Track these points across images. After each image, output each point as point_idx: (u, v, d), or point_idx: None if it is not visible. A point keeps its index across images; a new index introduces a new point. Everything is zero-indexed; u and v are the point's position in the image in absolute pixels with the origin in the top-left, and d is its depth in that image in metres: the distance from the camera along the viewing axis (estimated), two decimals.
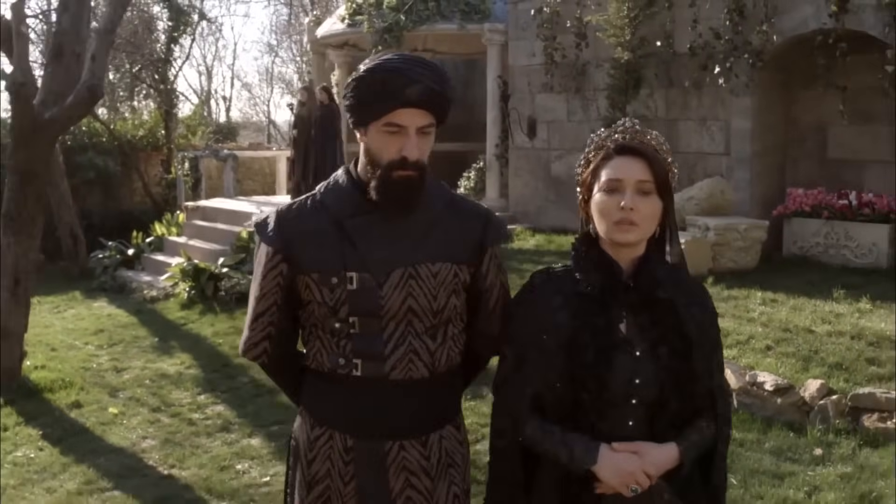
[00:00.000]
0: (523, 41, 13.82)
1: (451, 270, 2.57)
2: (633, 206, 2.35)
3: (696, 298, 2.51)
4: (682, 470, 2.39)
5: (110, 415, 7.38)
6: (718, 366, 2.53)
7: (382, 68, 2.48)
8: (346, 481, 2.55)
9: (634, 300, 2.42)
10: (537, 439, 2.42)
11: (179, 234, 14.80)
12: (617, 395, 2.37)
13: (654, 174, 2.40)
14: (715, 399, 2.47)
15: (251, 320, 2.62)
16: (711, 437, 2.46)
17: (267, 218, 2.63)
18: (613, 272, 2.43)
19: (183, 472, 6.07)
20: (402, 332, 2.52)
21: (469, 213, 2.69)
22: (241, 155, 19.04)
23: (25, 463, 6.36)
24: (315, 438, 2.60)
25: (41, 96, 7.71)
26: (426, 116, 2.49)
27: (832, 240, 10.49)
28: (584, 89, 12.95)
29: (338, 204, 2.56)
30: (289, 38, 42.02)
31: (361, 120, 2.51)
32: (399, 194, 2.49)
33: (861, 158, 11.03)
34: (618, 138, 2.47)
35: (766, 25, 10.65)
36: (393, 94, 2.44)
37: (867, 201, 10.36)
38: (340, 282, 2.49)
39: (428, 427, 2.60)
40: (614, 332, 2.39)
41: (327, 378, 2.57)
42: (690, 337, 2.41)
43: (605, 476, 2.34)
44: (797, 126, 11.59)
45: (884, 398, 6.11)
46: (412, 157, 2.47)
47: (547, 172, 13.68)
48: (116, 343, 10.03)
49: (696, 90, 11.52)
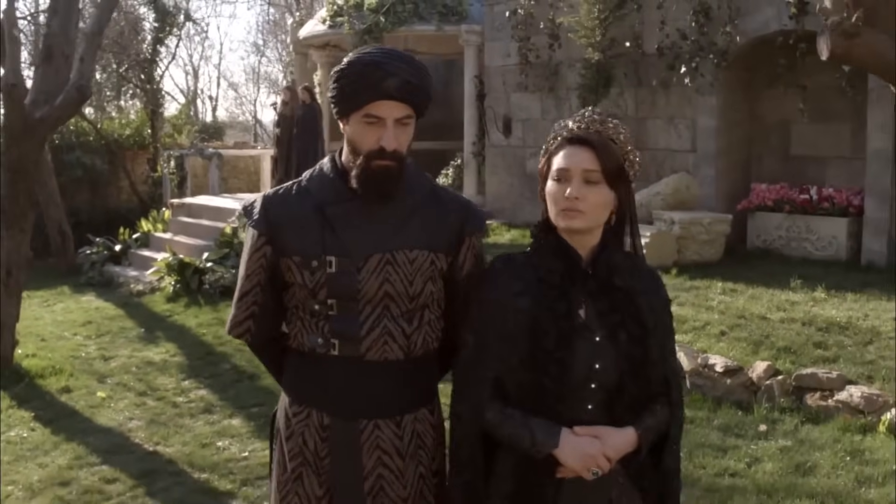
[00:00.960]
0: (499, 42, 14.23)
1: (428, 258, 2.64)
2: (579, 194, 2.39)
3: (650, 285, 2.56)
4: (639, 454, 2.44)
5: (98, 398, 7.74)
6: (671, 352, 2.60)
7: (361, 61, 2.56)
8: (321, 458, 2.63)
9: (593, 287, 2.46)
10: (497, 424, 2.45)
11: (165, 230, 15.13)
12: (577, 379, 2.40)
13: (601, 163, 2.42)
14: (669, 384, 2.53)
15: (237, 299, 2.73)
16: (665, 421, 2.51)
17: (254, 202, 2.74)
18: (572, 259, 2.47)
19: (167, 449, 6.44)
20: (378, 315, 2.60)
21: (449, 202, 2.76)
22: (226, 153, 19.38)
23: (18, 441, 6.72)
24: (293, 415, 2.68)
25: (32, 96, 8.07)
26: (404, 108, 2.57)
27: (794, 233, 10.93)
28: (557, 88, 13.37)
29: (321, 190, 2.65)
30: (275, 38, 42.33)
31: (343, 110, 2.59)
32: (377, 183, 2.57)
33: (822, 155, 11.46)
34: (572, 128, 2.50)
35: (730, 27, 11.07)
36: (371, 87, 2.52)
37: (827, 196, 10.80)
38: (320, 265, 2.58)
39: (402, 408, 2.67)
40: (574, 318, 2.42)
41: (307, 357, 2.65)
42: (646, 324, 2.46)
43: (566, 460, 2.38)
44: (761, 124, 12.02)
45: (825, 378, 6.52)
46: (389, 147, 2.55)
47: (522, 169, 14.08)
48: (104, 334, 10.38)
49: (663, 89, 11.95)
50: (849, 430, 6.00)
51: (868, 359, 6.90)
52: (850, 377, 6.56)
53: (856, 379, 6.54)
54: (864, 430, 6.00)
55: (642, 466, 2.49)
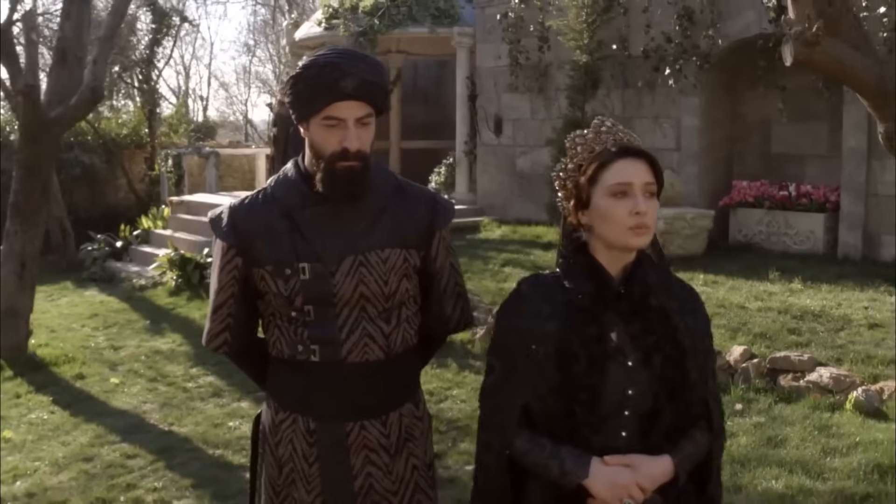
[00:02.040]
0: (490, 44, 14.64)
1: (401, 255, 2.65)
2: (646, 209, 2.30)
3: (687, 305, 2.45)
4: (677, 483, 2.34)
5: (112, 384, 8.16)
6: (712, 374, 2.48)
7: (316, 63, 2.53)
8: (310, 462, 2.64)
9: (625, 308, 2.36)
10: (526, 452, 2.36)
11: (165, 227, 15.51)
12: (610, 406, 2.31)
13: (655, 175, 2.37)
14: (710, 408, 2.43)
15: (211, 312, 2.72)
16: (706, 447, 2.41)
17: (221, 213, 2.69)
18: (604, 279, 2.37)
19: (182, 429, 6.86)
20: (355, 318, 2.60)
21: (416, 197, 2.75)
22: (223, 152, 19.74)
23: (40, 423, 7.14)
24: (280, 422, 2.68)
25: (47, 97, 8.49)
26: (363, 107, 2.54)
27: (773, 228, 11.39)
28: (546, 89, 13.79)
29: (287, 196, 2.63)
30: (266, 39, 42.55)
31: (302, 114, 2.56)
32: (344, 185, 2.55)
33: (801, 153, 11.93)
34: (610, 139, 2.40)
35: (713, 30, 11.51)
36: (328, 88, 2.49)
37: (805, 192, 11.26)
38: (294, 273, 2.57)
39: (386, 407, 2.68)
40: (606, 341, 2.32)
41: (288, 364, 2.65)
42: (684, 345, 2.36)
43: (597, 490, 2.28)
44: (743, 123, 12.48)
45: (797, 360, 6.97)
46: (353, 147, 2.52)
47: (512, 168, 14.51)
48: (111, 325, 10.78)
49: (649, 90, 12.38)
50: (818, 408, 6.44)
51: (839, 343, 7.35)
52: (820, 360, 7.00)
53: (826, 361, 6.99)
54: (832, 407, 6.44)
55: (682, 496, 2.39)
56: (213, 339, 2.72)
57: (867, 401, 6.34)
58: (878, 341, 7.38)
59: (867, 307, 8.37)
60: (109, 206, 19.36)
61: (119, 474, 5.94)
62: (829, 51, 4.66)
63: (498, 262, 11.01)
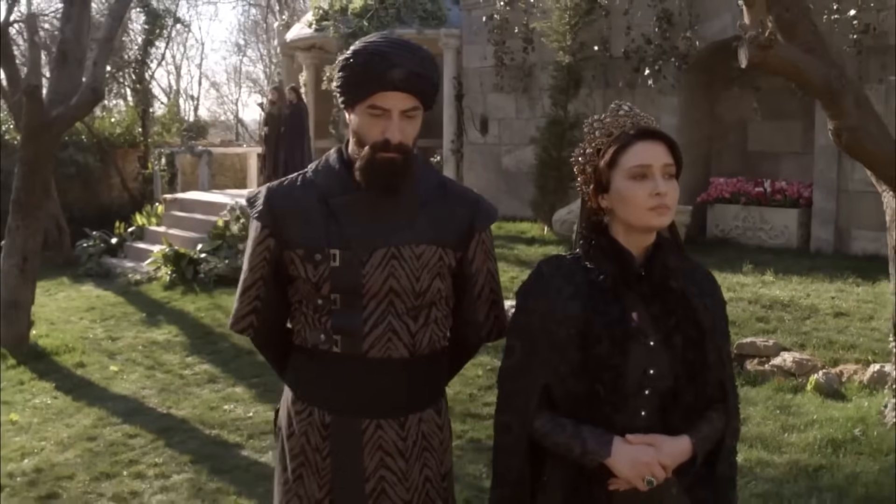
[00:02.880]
0: (476, 45, 15.03)
1: (436, 253, 2.56)
2: (666, 190, 2.32)
3: (706, 287, 2.47)
4: (694, 463, 2.36)
5: (111, 372, 8.51)
6: (728, 356, 2.50)
7: (366, 50, 2.48)
8: (323, 456, 2.57)
9: (646, 290, 2.37)
10: (547, 433, 2.36)
11: (159, 223, 15.83)
12: (631, 386, 2.32)
13: (675, 157, 2.38)
14: (726, 390, 2.45)
15: (240, 293, 2.68)
16: (721, 429, 2.43)
17: (258, 194, 2.66)
18: (626, 260, 2.38)
19: (179, 412, 7.21)
20: (382, 311, 2.52)
21: (458, 196, 2.67)
22: (215, 151, 20.08)
23: (44, 407, 7.49)
24: (296, 413, 2.62)
25: (48, 97, 8.84)
26: (410, 100, 2.49)
27: (749, 223, 11.80)
28: (530, 89, 14.18)
29: (326, 182, 2.58)
30: (256, 39, 42.86)
31: (349, 101, 2.52)
32: (382, 176, 2.49)
33: (777, 151, 12.34)
34: (629, 122, 2.40)
35: (691, 32, 11.93)
36: (376, 77, 2.44)
37: (779, 188, 11.67)
38: (324, 258, 2.50)
39: (406, 408, 2.59)
40: (628, 322, 2.34)
41: (310, 354, 2.59)
42: (703, 326, 2.37)
43: (620, 469, 2.29)
44: (720, 122, 12.89)
45: (763, 346, 7.35)
46: (394, 139, 2.47)
47: (498, 165, 14.89)
48: (108, 318, 11.11)
49: (629, 90, 12.76)
50: (781, 390, 6.82)
51: (804, 331, 7.75)
52: (785, 346, 7.40)
53: (790, 347, 7.38)
54: (794, 389, 6.82)
55: (697, 477, 2.40)
56: (239, 321, 2.68)
57: (827, 383, 6.73)
58: (841, 329, 7.78)
59: (834, 297, 8.77)
60: (103, 205, 19.66)
61: (121, 452, 6.30)
62: (782, 54, 5.05)
63: None
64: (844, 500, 5.02)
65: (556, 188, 12.61)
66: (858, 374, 6.83)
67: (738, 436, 2.52)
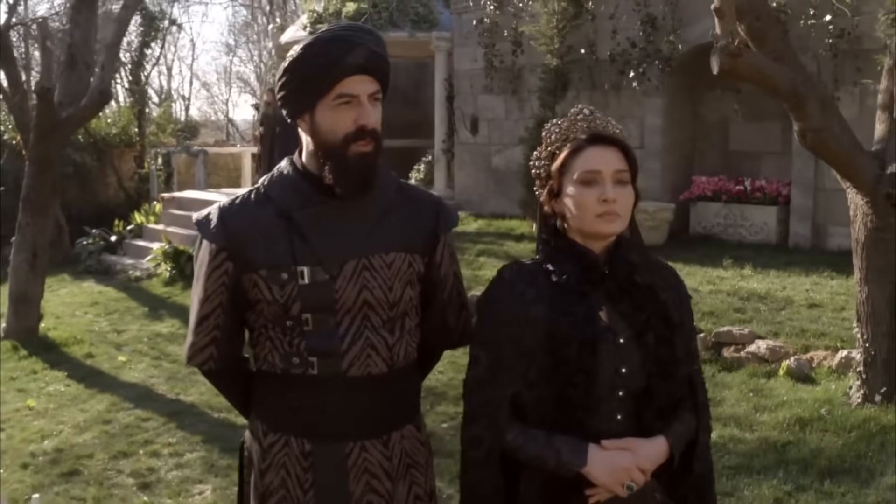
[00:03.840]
0: (467, 48, 15.41)
1: (406, 260, 2.46)
2: (616, 196, 2.26)
3: (671, 281, 2.44)
4: (671, 464, 2.30)
5: (119, 362, 8.92)
6: (695, 350, 2.47)
7: (322, 39, 2.34)
8: (304, 489, 2.42)
9: (612, 287, 2.32)
10: (519, 446, 2.28)
11: (157, 222, 16.22)
12: (604, 387, 2.26)
13: (628, 163, 2.33)
14: (694, 385, 2.40)
15: (195, 324, 2.46)
16: (693, 427, 2.38)
17: (209, 214, 2.48)
18: (588, 259, 2.32)
19: (187, 398, 7.63)
20: (358, 327, 2.40)
21: (420, 199, 2.59)
22: (210, 151, 20.44)
23: (58, 394, 7.89)
24: (269, 446, 2.45)
25: (58, 98, 9.23)
26: (373, 83, 2.37)
27: (730, 220, 12.24)
28: (519, 91, 14.57)
29: (284, 196, 2.42)
30: (247, 39, 43.13)
31: (307, 101, 2.36)
32: (357, 172, 2.36)
33: (757, 150, 12.78)
34: (584, 127, 2.35)
35: (674, 36, 12.33)
36: (339, 62, 2.30)
37: (759, 187, 12.11)
38: (291, 277, 2.36)
39: (389, 426, 2.48)
40: (595, 322, 2.27)
41: (280, 380, 2.44)
42: (673, 321, 2.33)
43: (597, 476, 2.22)
44: (702, 123, 13.33)
45: (739, 334, 7.79)
46: (370, 124, 2.35)
47: (488, 165, 15.30)
48: (112, 312, 11.52)
49: (615, 92, 13.18)
50: (755, 375, 7.25)
51: (778, 320, 8.19)
52: (760, 334, 7.83)
53: (765, 335, 7.81)
54: (767, 374, 7.26)
55: (675, 476, 2.36)
56: (196, 354, 2.48)
57: (798, 368, 7.17)
58: (814, 318, 8.22)
59: (809, 290, 9.22)
60: (100, 204, 19.97)
61: (136, 433, 6.71)
62: (751, 61, 5.49)
63: (473, 252, 11.80)
64: (809, 471, 5.46)
65: None
66: (828, 360, 7.27)
67: (710, 430, 2.49)
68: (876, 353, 6.21)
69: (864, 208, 6.09)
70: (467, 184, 15.65)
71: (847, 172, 6.05)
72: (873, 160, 6.05)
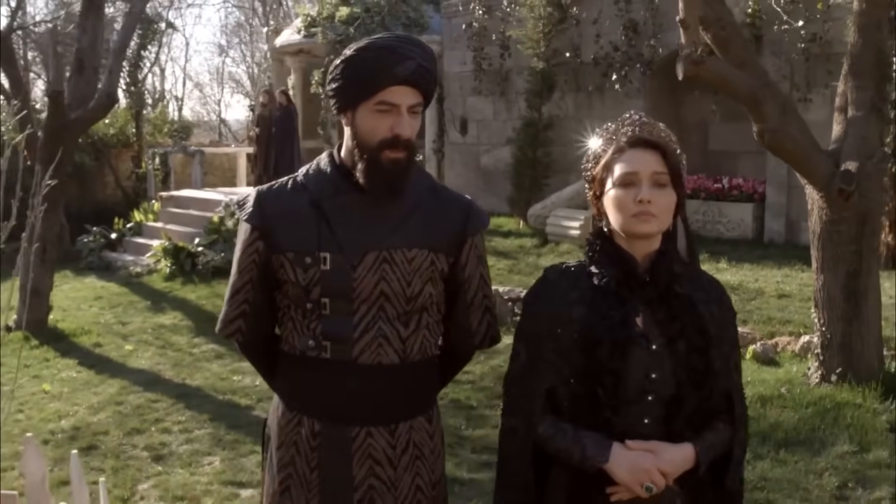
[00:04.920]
0: (456, 51, 15.94)
1: (428, 258, 2.52)
2: (651, 198, 2.30)
3: (713, 295, 2.45)
4: (697, 472, 2.33)
5: (127, 351, 9.41)
6: (736, 365, 2.46)
7: (374, 45, 2.43)
8: (311, 468, 2.53)
9: (651, 294, 2.36)
10: (549, 437, 2.36)
11: (156, 220, 16.67)
12: (633, 390, 2.31)
13: (668, 166, 2.35)
14: (732, 400, 2.41)
15: (228, 297, 2.62)
16: (728, 440, 2.39)
17: (248, 196, 2.62)
18: (629, 265, 2.37)
19: (193, 382, 8.13)
20: (372, 316, 2.48)
21: (450, 201, 2.63)
22: (207, 151, 20.88)
23: (70, 380, 8.38)
24: (286, 423, 2.58)
25: (67, 101, 9.71)
26: (416, 95, 2.44)
27: (709, 217, 12.75)
28: (507, 93, 15.11)
29: (318, 186, 2.53)
30: (239, 40, 43.46)
31: (350, 101, 2.45)
32: (387, 177, 2.45)
33: (735, 150, 13.30)
34: (628, 131, 2.40)
35: (654, 40, 12.88)
36: (386, 71, 2.39)
37: (736, 184, 12.64)
38: (314, 262, 2.46)
39: (397, 415, 2.55)
40: (630, 326, 2.33)
41: (298, 361, 2.54)
42: (709, 333, 2.35)
43: (618, 474, 2.28)
44: (682, 123, 13.82)
45: None
46: (405, 134, 2.43)
47: (477, 164, 15.83)
48: (116, 306, 12.00)
49: (598, 94, 13.73)
50: None
51: (748, 309, 8.71)
52: None
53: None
54: None
55: (701, 487, 2.39)
56: (227, 325, 2.63)
57: (763, 352, 7.70)
58: (782, 307, 8.76)
59: (779, 281, 9.75)
60: (98, 203, 20.34)
61: (147, 413, 7.21)
62: (712, 68, 6.02)
63: None
64: (767, 443, 5.98)
65: (531, 185, 13.51)
66: (791, 345, 7.80)
67: (746, 447, 2.50)
68: (832, 337, 6.73)
69: (820, 203, 6.61)
70: (457, 182, 16.09)
71: (804, 170, 6.58)
72: (829, 158, 6.57)
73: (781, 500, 5.24)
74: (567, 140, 13.24)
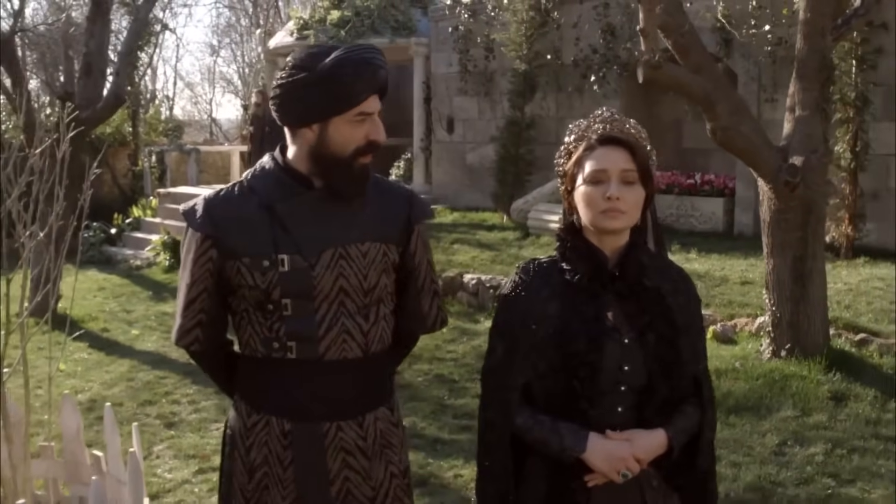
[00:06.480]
0: (443, 53, 16.51)
1: (380, 250, 2.58)
2: (619, 195, 2.35)
3: (680, 285, 2.52)
4: (670, 456, 2.41)
5: (133, 335, 10.06)
6: (702, 351, 2.57)
7: (351, 61, 2.44)
8: (284, 466, 2.56)
9: (621, 288, 2.42)
10: (527, 429, 2.42)
11: (154, 215, 17.28)
12: (607, 382, 2.37)
13: (636, 163, 2.40)
14: (700, 384, 2.50)
15: (182, 308, 2.60)
16: (697, 422, 2.47)
17: (195, 204, 2.61)
18: (599, 261, 2.42)
19: None
20: (334, 313, 2.51)
21: (393, 192, 2.69)
22: (202, 149, 21.44)
23: (83, 361, 9.02)
24: (252, 425, 2.59)
25: (76, 102, 10.32)
26: (379, 100, 2.51)
27: (682, 211, 13.40)
28: (491, 93, 15.66)
29: (267, 189, 2.54)
30: (230, 40, 43.85)
31: (324, 115, 2.45)
32: (358, 181, 2.52)
33: (707, 147, 13.81)
34: (598, 128, 2.45)
35: (631, 43, 13.40)
36: (366, 84, 2.43)
37: (707, 180, 13.30)
38: (272, 265, 2.47)
39: (363, 407, 2.61)
40: (603, 320, 2.39)
41: (261, 363, 2.56)
42: (677, 324, 2.43)
43: (595, 462, 2.35)
44: (658, 122, 14.43)
45: None
46: (381, 139, 2.50)
47: (463, 162, 16.42)
48: (119, 296, 12.64)
49: (578, 94, 14.31)
50: None
51: (712, 294, 9.37)
52: None
53: None
54: None
55: (676, 467, 2.48)
56: (184, 336, 2.61)
57: (723, 332, 8.37)
58: (744, 293, 9.41)
59: (744, 270, 10.40)
60: (95, 199, 20.57)
61: (157, 387, 7.87)
62: (669, 73, 6.69)
63: (448, 240, 12.93)
64: (718, 410, 6.48)
65: (514, 181, 14.08)
66: (748, 325, 8.47)
67: (715, 427, 2.60)
68: (781, 316, 7.40)
69: (769, 194, 7.28)
70: (443, 179, 16.82)
71: (754, 164, 7.25)
72: (778, 153, 7.23)
73: (726, 456, 5.89)
74: (548, 138, 13.92)
